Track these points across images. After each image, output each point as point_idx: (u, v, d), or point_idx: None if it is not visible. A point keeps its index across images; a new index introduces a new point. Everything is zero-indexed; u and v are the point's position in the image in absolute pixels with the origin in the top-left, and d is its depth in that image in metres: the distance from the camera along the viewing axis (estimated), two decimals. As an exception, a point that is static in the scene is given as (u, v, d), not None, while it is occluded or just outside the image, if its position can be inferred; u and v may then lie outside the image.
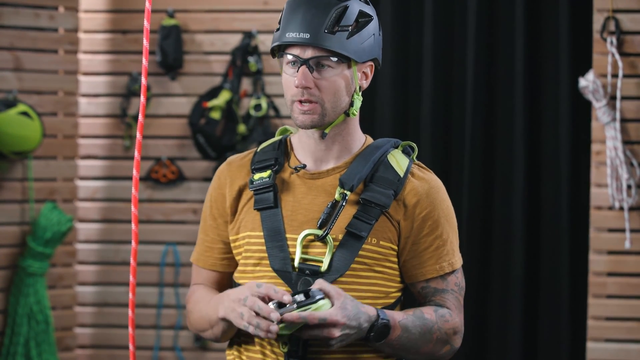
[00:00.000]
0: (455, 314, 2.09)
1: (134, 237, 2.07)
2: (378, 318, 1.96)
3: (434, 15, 4.13)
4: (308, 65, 2.00)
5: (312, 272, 2.00)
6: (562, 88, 4.02)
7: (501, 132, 4.12)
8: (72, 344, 4.43)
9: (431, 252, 2.08)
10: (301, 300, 1.87)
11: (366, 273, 2.04)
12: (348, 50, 2.01)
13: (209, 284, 2.18)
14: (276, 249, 2.04)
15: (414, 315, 2.03)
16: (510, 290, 4.05)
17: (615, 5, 3.91)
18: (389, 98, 4.17)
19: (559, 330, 4.01)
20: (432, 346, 2.05)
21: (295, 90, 2.01)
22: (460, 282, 2.13)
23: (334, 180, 2.08)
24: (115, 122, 4.47)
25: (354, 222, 2.03)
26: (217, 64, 4.42)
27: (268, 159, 2.12)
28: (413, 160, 2.14)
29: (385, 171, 2.08)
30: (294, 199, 2.07)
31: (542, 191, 4.09)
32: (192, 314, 2.15)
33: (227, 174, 2.15)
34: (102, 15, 4.45)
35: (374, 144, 2.14)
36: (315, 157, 2.10)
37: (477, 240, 4.10)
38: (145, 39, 2.01)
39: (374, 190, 2.05)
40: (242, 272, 2.10)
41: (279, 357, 2.01)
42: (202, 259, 2.19)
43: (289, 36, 2.00)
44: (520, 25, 4.04)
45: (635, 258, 3.93)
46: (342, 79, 2.03)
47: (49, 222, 4.21)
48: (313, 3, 2.00)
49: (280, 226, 2.05)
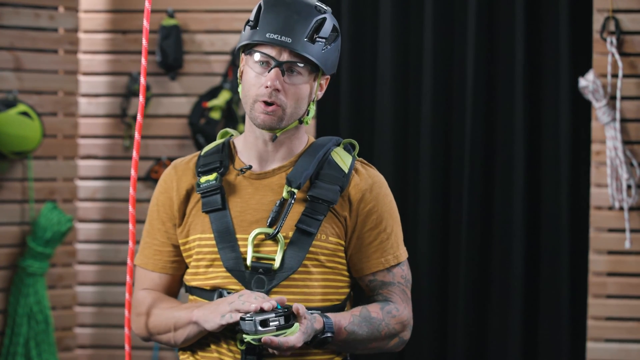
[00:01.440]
0: (403, 307, 2.14)
1: (131, 237, 2.08)
2: (323, 331, 2.01)
3: (434, 16, 4.13)
4: (281, 68, 2.03)
5: (264, 270, 2.05)
6: (562, 88, 4.02)
7: (501, 132, 4.12)
8: (72, 344, 4.43)
9: (376, 246, 2.13)
10: (281, 325, 1.92)
11: (317, 269, 2.08)
12: (321, 61, 2.05)
13: (158, 288, 2.19)
14: (228, 249, 2.07)
15: (361, 315, 2.08)
16: (510, 290, 4.05)
17: (615, 5, 3.91)
18: (389, 98, 4.17)
19: (559, 330, 4.01)
20: (379, 341, 2.11)
21: (262, 90, 2.04)
22: (407, 274, 2.18)
23: (280, 179, 2.11)
24: (115, 122, 4.47)
25: (304, 218, 2.07)
26: (217, 64, 4.42)
27: (213, 162, 2.15)
28: (355, 157, 2.18)
29: (330, 168, 2.12)
30: (242, 199, 2.11)
31: (542, 191, 4.09)
32: (147, 316, 2.16)
33: (174, 177, 2.18)
34: (102, 15, 4.45)
35: (316, 142, 2.18)
36: (260, 158, 2.14)
37: (477, 240, 4.10)
38: (144, 39, 2.02)
39: (321, 187, 2.09)
40: (194, 275, 2.13)
41: (235, 354, 2.05)
42: (151, 262, 2.19)
43: (270, 37, 2.02)
44: (520, 25, 4.04)
45: (635, 258, 3.93)
46: (307, 87, 2.07)
47: (49, 222, 4.21)
48: (294, 8, 2.04)
49: (230, 227, 2.08)
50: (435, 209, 4.15)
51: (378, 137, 4.19)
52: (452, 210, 4.15)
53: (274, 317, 1.92)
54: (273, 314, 1.92)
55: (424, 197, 4.14)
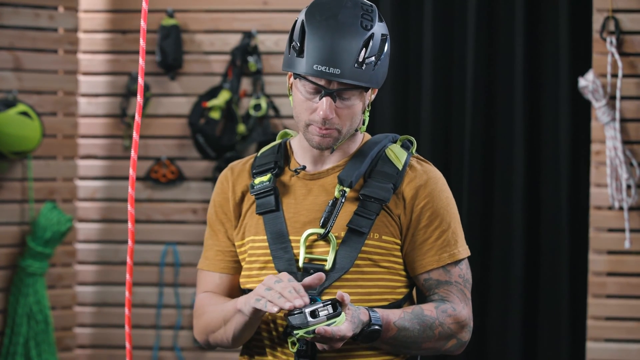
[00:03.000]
0: (461, 307, 2.08)
1: (130, 236, 2.08)
2: (369, 324, 1.95)
3: (434, 16, 4.13)
4: (332, 96, 1.98)
5: (316, 271, 2.01)
6: (561, 88, 4.02)
7: (501, 132, 4.12)
8: (72, 343, 4.43)
9: (431, 244, 2.08)
10: (330, 313, 1.88)
11: (371, 269, 2.04)
12: (373, 81, 2.00)
13: (219, 289, 2.16)
14: (280, 251, 2.05)
15: (413, 313, 2.02)
16: (510, 290, 4.05)
17: (615, 5, 3.90)
18: (389, 98, 4.17)
19: (559, 330, 4.01)
20: (434, 342, 2.04)
21: (315, 117, 2.00)
22: (465, 274, 2.14)
23: (333, 179, 2.08)
24: (115, 122, 4.47)
25: (355, 218, 2.03)
26: (216, 64, 4.42)
27: (268, 163, 2.13)
28: (412, 154, 2.14)
29: (383, 165, 2.08)
30: (295, 200, 2.08)
31: (541, 191, 4.09)
32: (203, 316, 2.13)
33: (230, 179, 2.16)
34: (102, 15, 4.46)
35: (372, 140, 2.14)
36: (315, 160, 2.11)
37: (477, 240, 4.10)
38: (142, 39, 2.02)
39: (373, 185, 2.05)
40: (248, 277, 2.11)
41: (289, 357, 2.02)
42: (212, 263, 2.17)
43: (318, 69, 1.95)
44: (520, 25, 4.04)
45: (635, 258, 3.93)
46: (360, 104, 2.03)
47: (48, 222, 4.21)
48: (339, 32, 1.96)
49: (283, 228, 2.06)
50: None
51: (378, 137, 4.18)
52: (451, 210, 4.14)
53: (322, 307, 1.88)
54: (321, 304, 1.88)
55: (423, 197, 4.13)
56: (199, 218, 4.41)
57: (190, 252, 4.41)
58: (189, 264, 4.41)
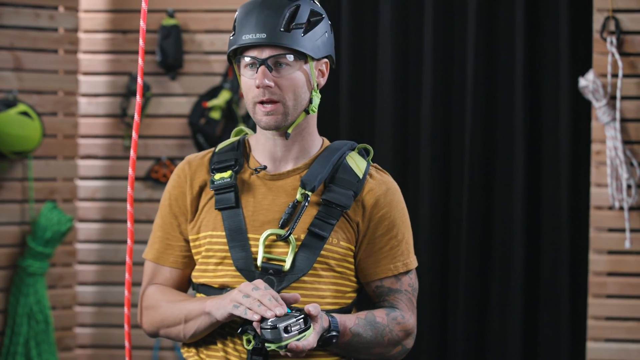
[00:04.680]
0: (408, 315, 2.13)
1: (130, 235, 2.08)
2: (328, 330, 1.98)
3: (434, 15, 4.13)
4: (267, 65, 2.02)
5: (275, 271, 2.04)
6: (562, 88, 4.02)
7: (501, 131, 4.12)
8: (72, 343, 4.43)
9: (386, 252, 2.12)
10: (301, 328, 1.90)
11: (327, 272, 2.08)
12: (304, 47, 2.03)
13: (168, 283, 2.18)
14: (238, 248, 2.06)
15: (366, 319, 2.06)
16: (510, 290, 4.05)
17: (615, 5, 3.90)
18: (388, 98, 4.17)
19: (559, 330, 4.01)
20: (383, 348, 2.10)
21: (256, 92, 2.04)
22: (414, 283, 2.17)
23: (294, 181, 2.11)
24: (115, 122, 4.47)
25: (317, 222, 2.06)
26: (217, 64, 4.42)
27: (228, 160, 2.15)
28: (370, 163, 2.18)
29: (344, 172, 2.12)
30: (255, 199, 2.10)
31: (542, 191, 4.09)
32: (156, 309, 2.14)
33: (187, 173, 2.17)
34: (102, 15, 4.46)
35: (331, 146, 2.17)
36: (274, 158, 2.13)
37: (477, 240, 4.10)
38: (141, 39, 2.02)
39: (335, 191, 2.08)
40: (203, 272, 2.12)
41: (241, 354, 2.04)
42: (162, 257, 2.18)
43: (246, 38, 2.02)
44: (520, 25, 4.04)
45: (635, 258, 3.93)
46: (301, 75, 2.05)
47: (49, 222, 4.21)
48: (265, 4, 2.03)
49: (242, 226, 2.07)
50: (435, 209, 4.15)
51: (378, 137, 4.18)
52: (452, 210, 4.15)
53: (295, 322, 1.90)
54: (293, 319, 1.90)
55: (423, 197, 4.13)
56: (199, 218, 4.41)
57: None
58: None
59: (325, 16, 2.10)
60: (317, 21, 2.07)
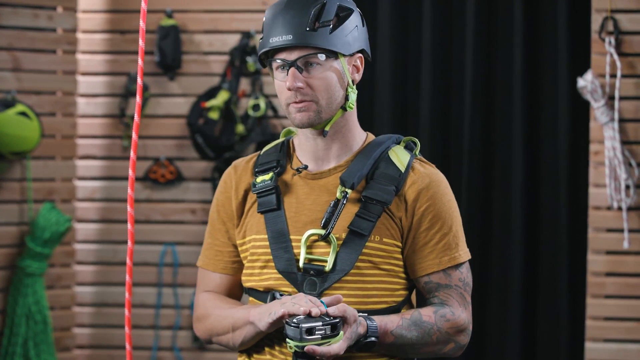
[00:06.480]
0: (460, 311, 2.08)
1: (130, 237, 2.07)
2: (365, 335, 1.96)
3: (433, 15, 4.13)
4: (296, 67, 2.00)
5: (316, 272, 2.01)
6: (560, 88, 4.02)
7: (500, 132, 4.12)
8: (71, 344, 4.43)
9: (432, 247, 2.07)
10: (327, 334, 1.88)
11: (371, 271, 2.04)
12: (333, 44, 2.01)
13: (219, 289, 2.17)
14: (281, 251, 2.04)
15: (411, 319, 2.02)
16: (509, 290, 4.05)
17: (614, 6, 3.91)
18: (387, 98, 4.17)
19: (558, 330, 4.01)
20: (432, 346, 2.05)
21: (288, 94, 2.02)
22: (465, 277, 2.12)
23: (335, 179, 2.08)
24: (114, 122, 4.47)
25: (356, 220, 2.03)
26: (215, 64, 4.42)
27: (270, 162, 2.13)
28: (415, 156, 2.14)
29: (386, 167, 2.08)
30: (297, 200, 2.08)
31: (540, 191, 4.09)
32: (207, 318, 2.13)
33: (233, 177, 2.16)
34: (101, 16, 4.45)
35: (375, 140, 2.14)
36: (316, 157, 2.10)
37: (476, 240, 4.10)
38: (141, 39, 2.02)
39: (375, 187, 2.05)
40: (249, 275, 2.11)
41: (287, 357, 2.02)
42: (212, 262, 2.17)
43: (273, 41, 2.00)
44: (519, 25, 4.04)
45: (634, 258, 3.93)
46: (333, 73, 2.03)
47: (47, 222, 4.21)
48: (290, 5, 2.01)
49: (284, 228, 2.05)
50: (433, 209, 4.14)
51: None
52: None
53: (321, 326, 1.88)
54: (320, 322, 1.88)
55: (422, 197, 4.13)
56: (197, 218, 4.41)
57: (189, 253, 4.41)
58: (188, 264, 4.41)
59: (356, 10, 2.07)
60: (346, 16, 2.03)
